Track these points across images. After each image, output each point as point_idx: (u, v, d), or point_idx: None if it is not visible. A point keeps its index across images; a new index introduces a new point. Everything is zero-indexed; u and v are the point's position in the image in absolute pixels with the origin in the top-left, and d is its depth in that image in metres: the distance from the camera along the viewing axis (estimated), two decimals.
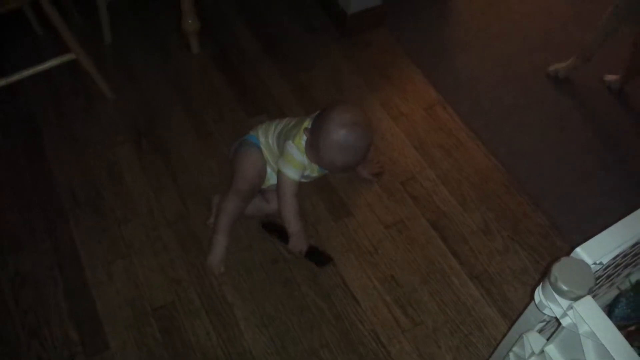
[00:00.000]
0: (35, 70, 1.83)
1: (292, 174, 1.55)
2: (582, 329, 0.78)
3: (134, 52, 2.15)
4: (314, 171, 1.62)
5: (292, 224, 1.59)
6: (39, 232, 1.71)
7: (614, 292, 1.20)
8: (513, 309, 1.55)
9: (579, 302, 0.78)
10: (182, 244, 1.68)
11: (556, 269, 0.80)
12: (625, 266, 1.14)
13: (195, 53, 2.13)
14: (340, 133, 1.45)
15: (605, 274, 1.04)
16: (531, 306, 0.92)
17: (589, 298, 0.78)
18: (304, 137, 1.54)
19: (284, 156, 1.55)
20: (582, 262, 0.81)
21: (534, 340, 0.93)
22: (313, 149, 1.51)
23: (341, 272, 1.62)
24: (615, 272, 1.11)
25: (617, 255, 0.96)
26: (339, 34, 2.19)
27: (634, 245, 0.98)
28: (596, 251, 0.83)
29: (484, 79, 2.07)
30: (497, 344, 1.12)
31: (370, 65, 2.10)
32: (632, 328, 1.16)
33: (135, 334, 1.53)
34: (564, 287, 0.79)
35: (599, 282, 1.02)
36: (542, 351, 0.90)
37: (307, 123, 1.56)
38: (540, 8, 2.32)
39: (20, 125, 1.95)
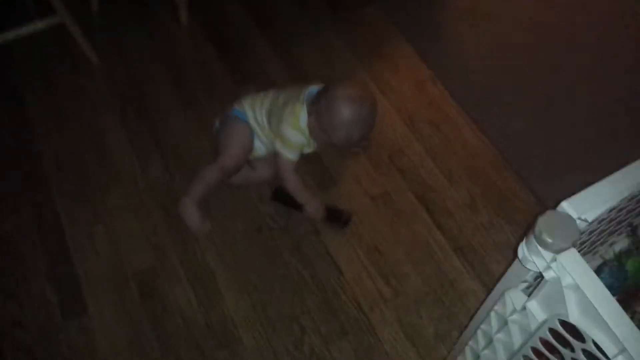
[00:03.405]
0: (19, 32, 1.79)
1: (291, 155, 1.56)
2: (565, 281, 0.78)
3: (122, 20, 2.12)
4: (311, 147, 1.63)
5: (302, 196, 1.60)
6: (20, 196, 1.68)
7: (597, 261, 1.20)
8: (496, 282, 1.55)
9: (562, 254, 0.78)
10: (165, 211, 1.66)
11: (541, 222, 0.80)
12: (610, 234, 1.14)
13: (184, 23, 2.10)
14: (352, 109, 1.47)
15: (589, 239, 1.04)
16: (514, 264, 0.91)
17: (572, 250, 0.78)
18: (301, 118, 1.53)
19: (282, 140, 1.55)
20: (567, 216, 0.81)
21: (515, 297, 0.92)
22: (324, 131, 1.52)
23: (325, 241, 1.61)
24: (599, 239, 1.11)
25: (602, 219, 0.96)
26: (332, 11, 2.16)
27: (619, 209, 0.98)
28: (581, 206, 0.82)
29: (475, 58, 2.06)
30: (479, 307, 1.12)
31: (362, 42, 2.08)
32: (616, 298, 1.16)
33: (114, 297, 1.51)
34: (548, 240, 0.78)
35: (582, 248, 1.02)
36: (524, 308, 0.89)
37: (301, 103, 1.54)
38: None
39: (2, 91, 1.91)
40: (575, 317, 0.79)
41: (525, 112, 1.92)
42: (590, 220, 0.85)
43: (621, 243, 1.20)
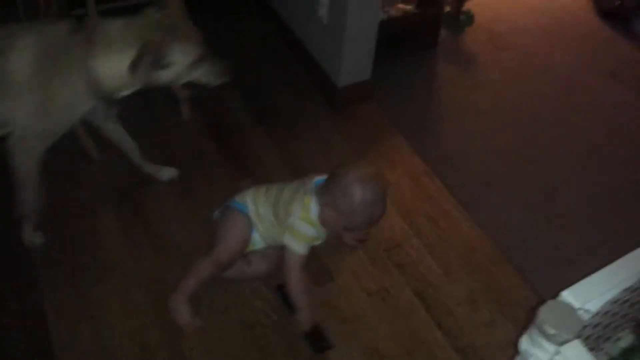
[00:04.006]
0: None
1: (302, 249, 1.52)
2: None
3: (123, 113, 2.15)
4: (320, 239, 1.59)
5: (300, 300, 1.53)
6: (7, 289, 1.63)
7: (603, 359, 1.14)
8: None
9: (566, 345, 0.73)
10: (155, 307, 1.60)
11: (542, 312, 0.76)
12: (614, 329, 1.09)
13: (185, 117, 2.14)
14: (370, 190, 1.47)
15: (593, 334, 0.99)
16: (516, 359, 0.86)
17: (576, 342, 0.73)
18: (312, 210, 1.51)
19: (293, 233, 1.51)
20: (569, 305, 0.77)
21: None
22: (345, 218, 1.49)
23: None
24: (604, 334, 1.06)
25: (606, 312, 0.92)
26: (329, 106, 2.23)
27: (622, 302, 0.94)
28: (582, 295, 0.79)
29: (470, 153, 2.09)
30: None
31: (358, 136, 2.12)
32: None
33: None
34: (551, 331, 0.74)
35: (587, 343, 0.97)
36: None
37: (309, 195, 1.52)
38: (525, 90, 2.39)
39: None
40: None
41: (521, 205, 1.93)
42: (592, 310, 0.81)
43: (626, 339, 1.14)
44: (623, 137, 2.21)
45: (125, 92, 1.56)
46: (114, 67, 1.46)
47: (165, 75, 1.51)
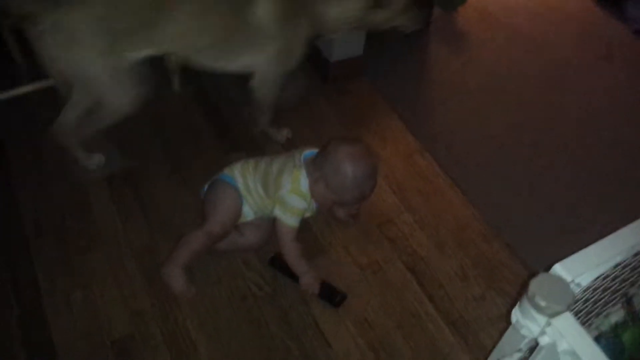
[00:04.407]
0: (10, 94, 1.80)
1: (293, 222, 1.55)
2: (561, 346, 0.74)
3: None
4: (310, 212, 1.62)
5: (299, 267, 1.57)
6: None
7: (593, 333, 1.16)
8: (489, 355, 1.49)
9: (557, 317, 0.75)
10: (147, 276, 1.61)
11: (534, 285, 0.77)
12: (605, 304, 1.11)
13: (176, 90, 2.13)
14: (360, 166, 1.51)
15: (584, 308, 1.01)
16: (508, 330, 0.88)
17: (567, 314, 0.75)
18: (302, 182, 1.53)
19: (283, 206, 1.53)
20: (561, 278, 0.78)
21: None
22: (336, 193, 1.53)
23: (313, 312, 1.56)
24: (595, 309, 1.08)
25: (597, 288, 0.94)
26: (321, 81, 2.22)
27: (613, 278, 0.95)
28: (574, 268, 0.80)
29: (460, 131, 2.10)
30: None
31: (350, 112, 2.12)
32: None
33: None
34: (542, 303, 0.75)
35: (578, 317, 0.99)
36: None
37: (298, 168, 1.54)
38: (516, 70, 2.38)
39: None
40: None
41: (512, 186, 1.94)
42: (583, 284, 0.83)
43: (617, 314, 1.17)
44: (613, 119, 2.22)
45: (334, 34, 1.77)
46: (342, 8, 1.63)
47: (379, 15, 1.68)
